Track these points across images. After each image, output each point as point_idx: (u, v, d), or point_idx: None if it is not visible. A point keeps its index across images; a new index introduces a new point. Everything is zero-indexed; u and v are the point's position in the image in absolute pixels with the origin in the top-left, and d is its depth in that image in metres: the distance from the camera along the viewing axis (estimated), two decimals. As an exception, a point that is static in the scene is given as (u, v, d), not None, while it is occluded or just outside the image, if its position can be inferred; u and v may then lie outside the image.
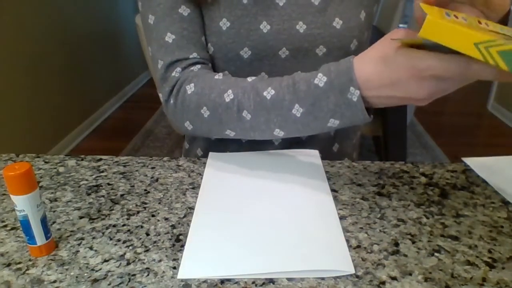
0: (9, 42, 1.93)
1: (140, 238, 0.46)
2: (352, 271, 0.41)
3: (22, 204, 0.41)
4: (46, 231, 0.43)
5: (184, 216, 0.50)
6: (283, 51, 0.64)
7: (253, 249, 0.43)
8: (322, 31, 0.64)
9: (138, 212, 0.51)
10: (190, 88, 0.57)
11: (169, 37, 0.60)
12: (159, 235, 0.47)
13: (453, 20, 0.38)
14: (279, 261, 0.42)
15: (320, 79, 0.49)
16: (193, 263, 0.42)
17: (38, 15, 2.17)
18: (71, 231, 0.48)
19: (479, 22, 0.40)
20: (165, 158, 0.64)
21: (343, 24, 0.64)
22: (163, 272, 0.41)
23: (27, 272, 0.41)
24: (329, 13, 0.64)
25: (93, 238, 0.46)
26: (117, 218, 0.50)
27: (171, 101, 0.60)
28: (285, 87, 0.51)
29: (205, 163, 0.62)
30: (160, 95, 0.62)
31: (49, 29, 2.27)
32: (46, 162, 0.63)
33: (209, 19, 0.63)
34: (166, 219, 0.49)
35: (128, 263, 0.42)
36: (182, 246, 0.45)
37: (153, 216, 0.50)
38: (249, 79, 0.56)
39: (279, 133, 0.54)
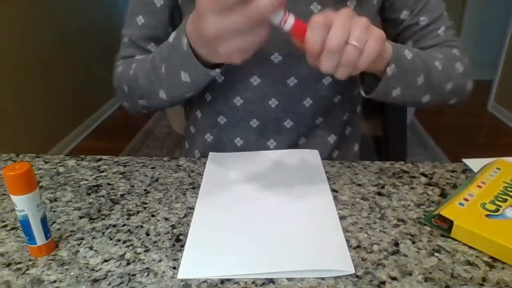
0: (8, 43, 1.93)
1: (140, 238, 0.46)
2: (352, 271, 0.41)
3: (22, 204, 0.41)
4: (46, 231, 0.43)
5: (184, 216, 0.50)
6: (275, 56, 0.63)
7: (253, 249, 0.43)
8: None
9: (138, 212, 0.51)
10: (119, 71, 0.67)
11: (126, 38, 0.69)
12: (159, 235, 0.47)
13: (471, 212, 0.47)
14: (279, 261, 0.42)
15: (172, 36, 0.54)
16: (193, 263, 0.42)
17: (38, 15, 2.17)
18: (71, 231, 0.48)
19: (479, 186, 0.51)
20: (165, 158, 0.64)
21: None
22: (163, 272, 0.41)
23: (27, 272, 0.41)
24: None
25: (93, 238, 0.46)
26: (117, 218, 0.50)
27: (114, 83, 0.70)
28: (158, 51, 0.58)
29: (205, 163, 0.62)
30: None
31: (49, 29, 2.27)
32: (46, 162, 0.63)
33: None
34: (166, 219, 0.49)
35: (128, 263, 0.42)
36: (182, 246, 0.45)
37: (153, 216, 0.50)
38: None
39: (162, 95, 0.59)
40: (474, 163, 0.61)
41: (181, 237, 0.46)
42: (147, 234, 0.47)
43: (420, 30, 0.68)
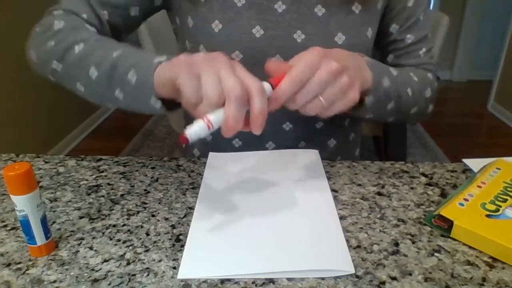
0: (9, 42, 1.93)
1: (140, 238, 0.46)
2: (352, 271, 0.41)
3: (22, 204, 0.41)
4: (46, 231, 0.43)
5: (184, 216, 0.50)
6: (277, 58, 0.63)
7: (253, 249, 0.43)
8: (322, 43, 0.59)
9: (138, 212, 0.51)
10: (56, 24, 0.58)
11: None
12: (159, 235, 0.47)
13: (470, 213, 0.46)
14: (279, 261, 0.42)
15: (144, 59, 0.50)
16: (193, 263, 0.42)
17: (39, 14, 2.17)
18: (71, 231, 0.48)
19: (479, 186, 0.51)
20: (165, 158, 0.64)
21: (346, 40, 0.62)
22: (163, 272, 0.41)
23: (27, 272, 0.41)
24: (332, 27, 0.62)
25: (93, 238, 0.46)
26: (117, 218, 0.50)
27: (36, 30, 0.61)
28: (94, 47, 0.53)
29: (205, 163, 0.62)
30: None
31: (49, 29, 2.26)
32: (46, 162, 0.63)
33: (201, 21, 0.62)
34: (166, 219, 0.49)
35: (128, 263, 0.42)
36: (182, 246, 0.45)
37: (153, 216, 0.50)
38: (95, 35, 0.57)
39: (80, 88, 0.55)
40: (474, 163, 0.61)
41: (181, 237, 0.46)
42: (147, 234, 0.47)
43: (404, 48, 0.69)
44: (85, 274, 0.41)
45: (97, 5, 0.62)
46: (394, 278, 0.40)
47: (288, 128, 0.68)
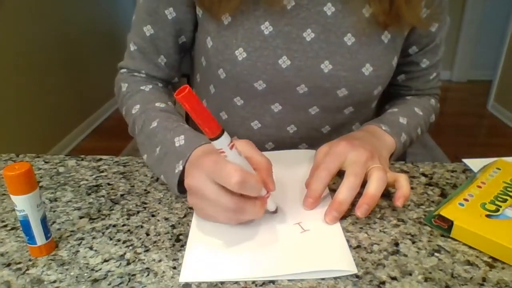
0: (9, 42, 1.93)
1: (140, 238, 0.46)
2: (355, 271, 0.41)
3: (22, 204, 0.41)
4: (46, 231, 0.43)
5: (184, 216, 0.50)
6: (301, 87, 0.61)
7: (253, 251, 0.43)
8: (349, 74, 0.60)
9: (138, 212, 0.51)
10: (122, 90, 0.66)
11: (133, 46, 0.66)
12: (159, 235, 0.47)
13: (470, 211, 0.47)
14: (281, 264, 0.41)
15: (180, 140, 0.52)
16: (194, 267, 0.41)
17: (39, 15, 2.17)
18: (71, 231, 0.48)
19: (479, 187, 0.51)
20: (165, 158, 0.64)
21: (372, 71, 0.61)
22: (163, 272, 0.41)
23: (27, 272, 0.41)
24: (360, 57, 0.60)
25: (93, 238, 0.46)
26: (117, 218, 0.50)
27: (115, 89, 0.70)
28: (162, 128, 0.55)
29: (205, 163, 0.62)
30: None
31: (49, 29, 2.27)
32: (46, 162, 0.63)
33: (223, 45, 0.59)
34: (166, 219, 0.49)
35: (128, 263, 0.42)
36: (182, 246, 0.45)
37: (153, 216, 0.50)
38: (157, 103, 0.60)
39: (145, 159, 0.58)
40: (474, 163, 0.61)
41: (181, 237, 0.46)
42: (147, 234, 0.47)
43: (418, 71, 0.70)
44: (85, 274, 0.41)
45: (154, 55, 0.65)
46: (394, 278, 0.40)
47: (292, 131, 0.67)
